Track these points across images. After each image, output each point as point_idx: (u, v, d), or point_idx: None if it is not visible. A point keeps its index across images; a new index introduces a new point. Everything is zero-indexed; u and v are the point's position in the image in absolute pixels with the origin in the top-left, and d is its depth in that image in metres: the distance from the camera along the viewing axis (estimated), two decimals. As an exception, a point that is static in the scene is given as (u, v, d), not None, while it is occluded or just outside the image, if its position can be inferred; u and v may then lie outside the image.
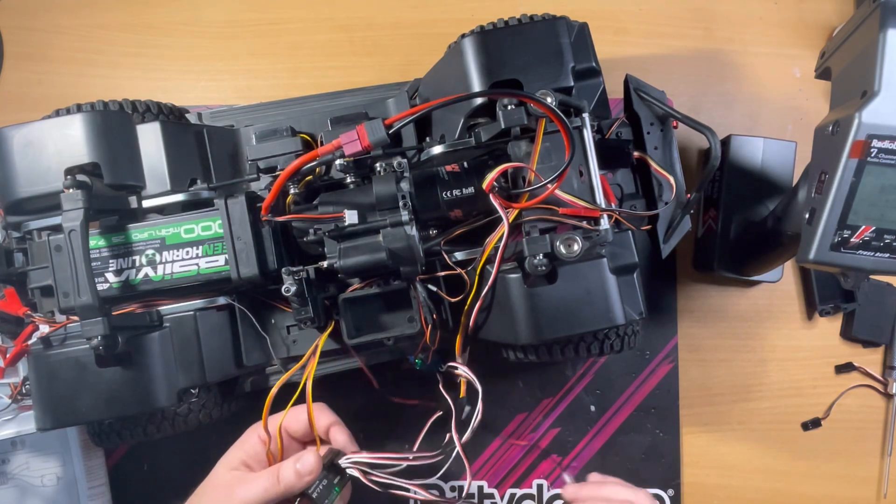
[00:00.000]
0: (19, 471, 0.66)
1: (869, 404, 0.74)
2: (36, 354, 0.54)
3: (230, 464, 0.53)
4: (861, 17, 0.52)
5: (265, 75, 0.77)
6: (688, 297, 0.75)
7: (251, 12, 0.78)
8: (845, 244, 0.50)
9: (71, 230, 0.50)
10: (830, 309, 0.73)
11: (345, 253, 0.53)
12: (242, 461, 0.53)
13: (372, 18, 0.78)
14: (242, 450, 0.54)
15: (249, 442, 0.54)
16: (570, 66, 0.57)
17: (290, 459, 0.51)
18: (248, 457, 0.53)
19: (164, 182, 0.57)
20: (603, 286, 0.55)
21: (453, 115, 0.59)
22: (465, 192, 0.57)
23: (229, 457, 0.53)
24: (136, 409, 0.53)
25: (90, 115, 0.55)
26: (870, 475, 0.73)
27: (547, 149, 0.55)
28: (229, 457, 0.53)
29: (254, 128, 0.62)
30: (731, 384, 0.74)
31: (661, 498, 0.72)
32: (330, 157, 0.53)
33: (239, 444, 0.54)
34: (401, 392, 0.68)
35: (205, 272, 0.55)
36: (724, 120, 0.76)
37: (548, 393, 0.72)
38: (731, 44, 0.78)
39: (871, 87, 0.48)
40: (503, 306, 0.56)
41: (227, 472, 0.52)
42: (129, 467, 0.71)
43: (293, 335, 0.61)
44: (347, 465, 0.53)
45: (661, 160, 0.62)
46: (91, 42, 0.77)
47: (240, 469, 0.52)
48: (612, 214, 0.56)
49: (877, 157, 0.48)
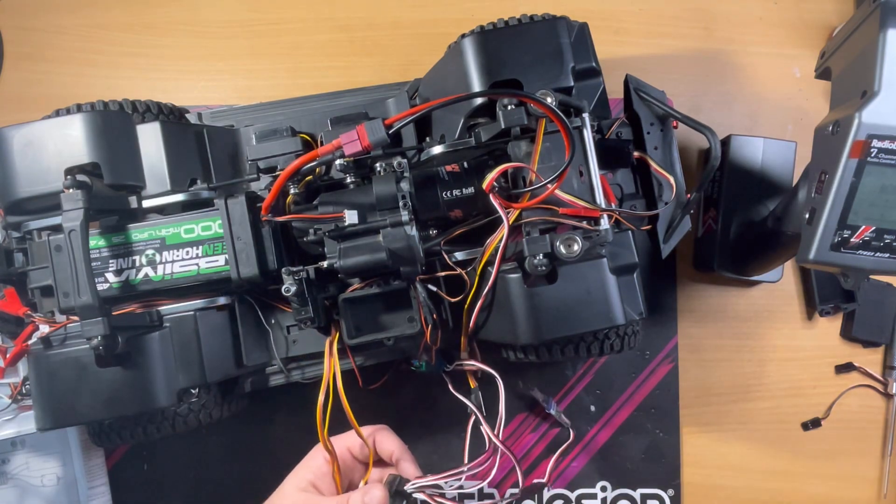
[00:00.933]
0: (19, 471, 0.66)
1: (869, 404, 0.74)
2: (36, 354, 0.54)
3: (299, 484, 0.52)
4: (861, 17, 0.52)
5: (265, 75, 0.77)
6: (688, 297, 0.75)
7: (251, 12, 0.78)
8: (845, 244, 0.50)
9: (71, 230, 0.50)
10: (830, 309, 0.73)
11: (345, 253, 0.53)
12: (311, 482, 0.53)
13: (372, 18, 0.78)
14: (310, 470, 0.53)
15: (316, 462, 0.54)
16: (570, 66, 0.57)
17: (359, 492, 0.51)
18: (315, 477, 0.53)
19: (164, 182, 0.57)
20: (603, 286, 0.55)
21: (453, 115, 0.59)
22: (465, 192, 0.57)
23: (298, 476, 0.53)
24: (136, 409, 0.53)
25: (90, 115, 0.55)
26: (870, 475, 0.73)
27: (547, 149, 0.55)
28: (298, 476, 0.53)
29: (254, 128, 0.62)
30: (731, 384, 0.74)
31: (661, 498, 0.72)
32: (330, 157, 0.53)
33: (306, 464, 0.54)
34: (403, 392, 0.68)
35: (205, 272, 0.55)
36: (724, 120, 0.76)
37: (548, 393, 0.72)
38: (731, 44, 0.78)
39: (871, 87, 0.48)
40: (503, 306, 0.56)
41: (297, 493, 0.52)
42: (129, 467, 0.71)
43: (293, 335, 0.61)
44: (413, 491, 0.52)
45: (661, 160, 0.62)
46: (91, 42, 0.77)
47: (309, 490, 0.52)
48: (612, 214, 0.56)
49: (877, 157, 0.48)
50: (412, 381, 0.71)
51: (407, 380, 0.70)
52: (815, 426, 0.73)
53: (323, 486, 0.53)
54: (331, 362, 0.54)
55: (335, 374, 0.53)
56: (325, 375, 0.53)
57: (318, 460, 0.54)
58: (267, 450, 0.68)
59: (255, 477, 0.70)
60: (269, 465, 0.68)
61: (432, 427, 0.71)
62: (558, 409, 0.71)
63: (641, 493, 0.72)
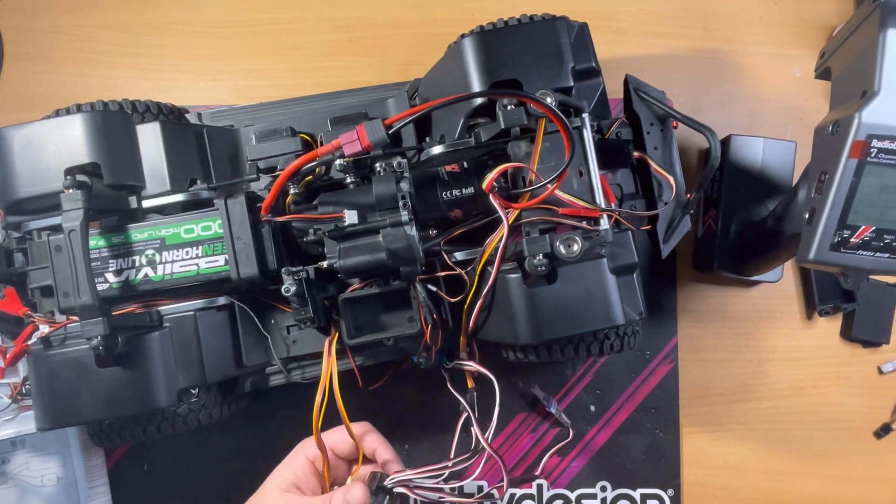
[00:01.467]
0: (19, 471, 0.66)
1: (869, 404, 0.74)
2: (36, 354, 0.54)
3: (280, 484, 0.52)
4: (861, 17, 0.52)
5: (265, 75, 0.77)
6: (688, 297, 0.75)
7: (251, 12, 0.78)
8: (845, 244, 0.50)
9: (71, 230, 0.50)
10: (830, 309, 0.73)
11: (345, 253, 0.53)
12: (292, 482, 0.53)
13: (372, 18, 0.78)
14: (292, 470, 0.53)
15: (298, 462, 0.54)
16: (569, 66, 0.57)
17: (340, 491, 0.51)
18: (296, 478, 0.53)
19: (164, 182, 0.57)
20: (603, 286, 0.55)
21: (453, 115, 0.59)
22: (465, 192, 0.57)
23: (279, 476, 0.53)
24: (136, 409, 0.53)
25: (90, 115, 0.55)
26: (870, 475, 0.73)
27: (547, 149, 0.55)
28: (279, 476, 0.53)
29: (254, 128, 0.62)
30: (731, 384, 0.74)
31: (661, 498, 0.72)
32: (330, 157, 0.53)
33: (288, 464, 0.54)
34: (403, 392, 0.68)
35: (205, 272, 0.55)
36: (724, 120, 0.76)
37: (548, 393, 0.72)
38: (731, 44, 0.78)
39: (871, 87, 0.48)
40: (503, 306, 0.56)
41: (279, 494, 0.52)
42: (129, 467, 0.71)
43: (293, 335, 0.61)
44: (393, 485, 0.53)
45: (661, 160, 0.62)
46: (91, 42, 0.77)
47: (291, 490, 0.52)
48: (612, 214, 0.56)
49: (877, 157, 0.48)
50: (412, 382, 0.71)
51: (407, 380, 0.70)
52: (885, 433, 0.72)
53: (305, 486, 0.53)
54: (329, 362, 0.54)
55: (332, 374, 0.53)
56: (323, 375, 0.53)
57: (301, 460, 0.54)
58: (267, 450, 0.68)
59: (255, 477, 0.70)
60: (269, 465, 0.67)
61: (432, 427, 0.71)
62: (559, 407, 0.71)
63: (641, 493, 0.72)
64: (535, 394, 0.71)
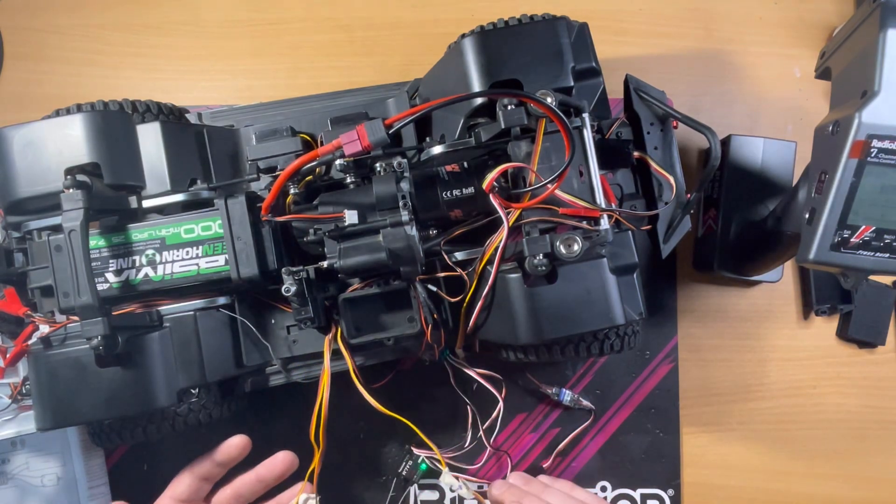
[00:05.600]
0: (19, 471, 0.66)
1: (869, 404, 0.74)
2: (36, 354, 0.54)
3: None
4: (861, 17, 0.52)
5: (265, 75, 0.77)
6: (688, 297, 0.75)
7: (251, 12, 0.78)
8: (845, 244, 0.50)
9: (71, 230, 0.50)
10: (827, 309, 0.73)
11: (345, 253, 0.53)
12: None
13: (372, 18, 0.78)
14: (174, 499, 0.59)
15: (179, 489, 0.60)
16: (570, 66, 0.57)
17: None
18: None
19: (164, 182, 0.57)
20: (603, 286, 0.55)
21: (453, 115, 0.59)
22: (465, 192, 0.57)
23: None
24: (136, 409, 0.54)
25: (90, 115, 0.55)
26: (870, 475, 0.73)
27: (547, 149, 0.55)
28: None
29: (254, 128, 0.62)
30: (731, 384, 0.74)
31: (661, 498, 0.72)
32: (330, 157, 0.53)
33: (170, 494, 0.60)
34: (403, 392, 0.68)
35: (205, 272, 0.55)
36: (724, 120, 0.76)
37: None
38: (731, 44, 0.78)
39: (871, 87, 0.48)
40: (503, 306, 0.56)
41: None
42: (129, 467, 0.71)
43: (293, 335, 0.61)
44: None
45: (661, 160, 0.62)
46: (91, 42, 0.77)
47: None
48: (612, 214, 0.56)
49: (877, 157, 0.48)
50: (412, 381, 0.71)
51: (407, 379, 0.70)
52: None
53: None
54: (327, 362, 0.54)
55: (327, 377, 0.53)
56: (322, 375, 0.53)
57: (181, 487, 0.58)
58: (267, 450, 0.68)
59: (255, 477, 0.70)
60: (269, 465, 0.68)
61: (431, 427, 0.71)
62: (573, 394, 0.71)
63: (641, 493, 0.72)
64: (544, 391, 0.71)
